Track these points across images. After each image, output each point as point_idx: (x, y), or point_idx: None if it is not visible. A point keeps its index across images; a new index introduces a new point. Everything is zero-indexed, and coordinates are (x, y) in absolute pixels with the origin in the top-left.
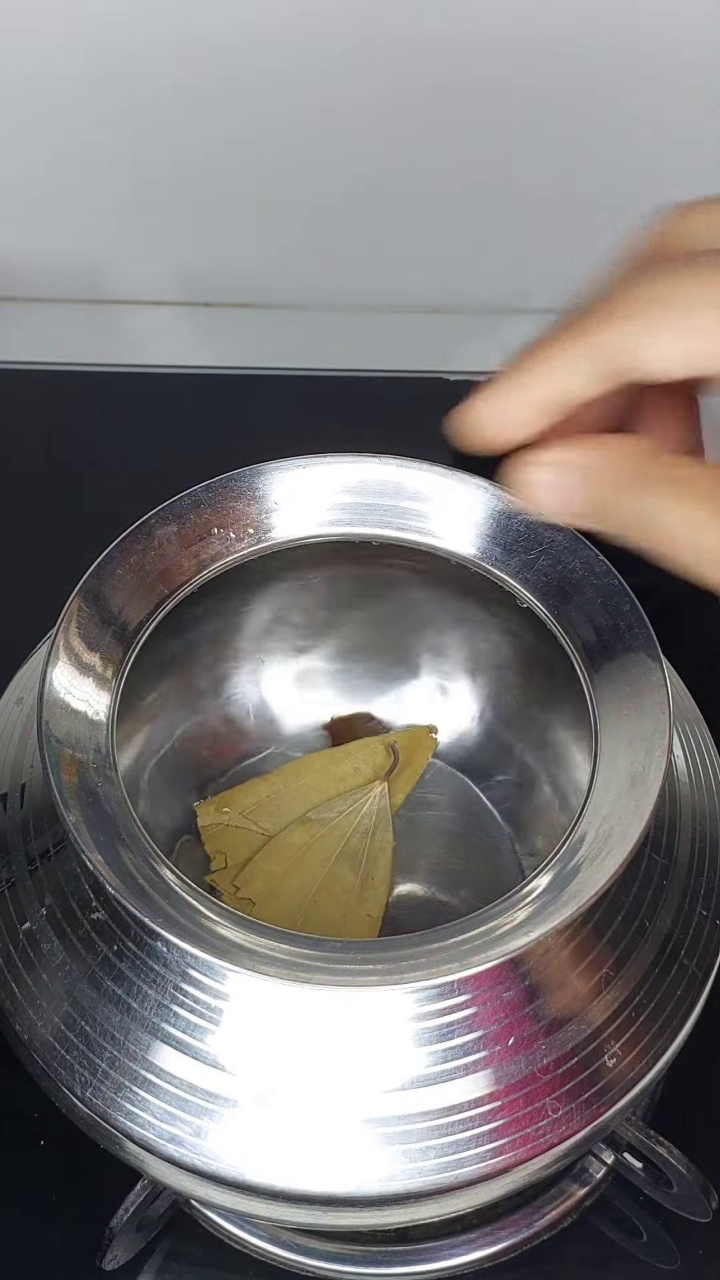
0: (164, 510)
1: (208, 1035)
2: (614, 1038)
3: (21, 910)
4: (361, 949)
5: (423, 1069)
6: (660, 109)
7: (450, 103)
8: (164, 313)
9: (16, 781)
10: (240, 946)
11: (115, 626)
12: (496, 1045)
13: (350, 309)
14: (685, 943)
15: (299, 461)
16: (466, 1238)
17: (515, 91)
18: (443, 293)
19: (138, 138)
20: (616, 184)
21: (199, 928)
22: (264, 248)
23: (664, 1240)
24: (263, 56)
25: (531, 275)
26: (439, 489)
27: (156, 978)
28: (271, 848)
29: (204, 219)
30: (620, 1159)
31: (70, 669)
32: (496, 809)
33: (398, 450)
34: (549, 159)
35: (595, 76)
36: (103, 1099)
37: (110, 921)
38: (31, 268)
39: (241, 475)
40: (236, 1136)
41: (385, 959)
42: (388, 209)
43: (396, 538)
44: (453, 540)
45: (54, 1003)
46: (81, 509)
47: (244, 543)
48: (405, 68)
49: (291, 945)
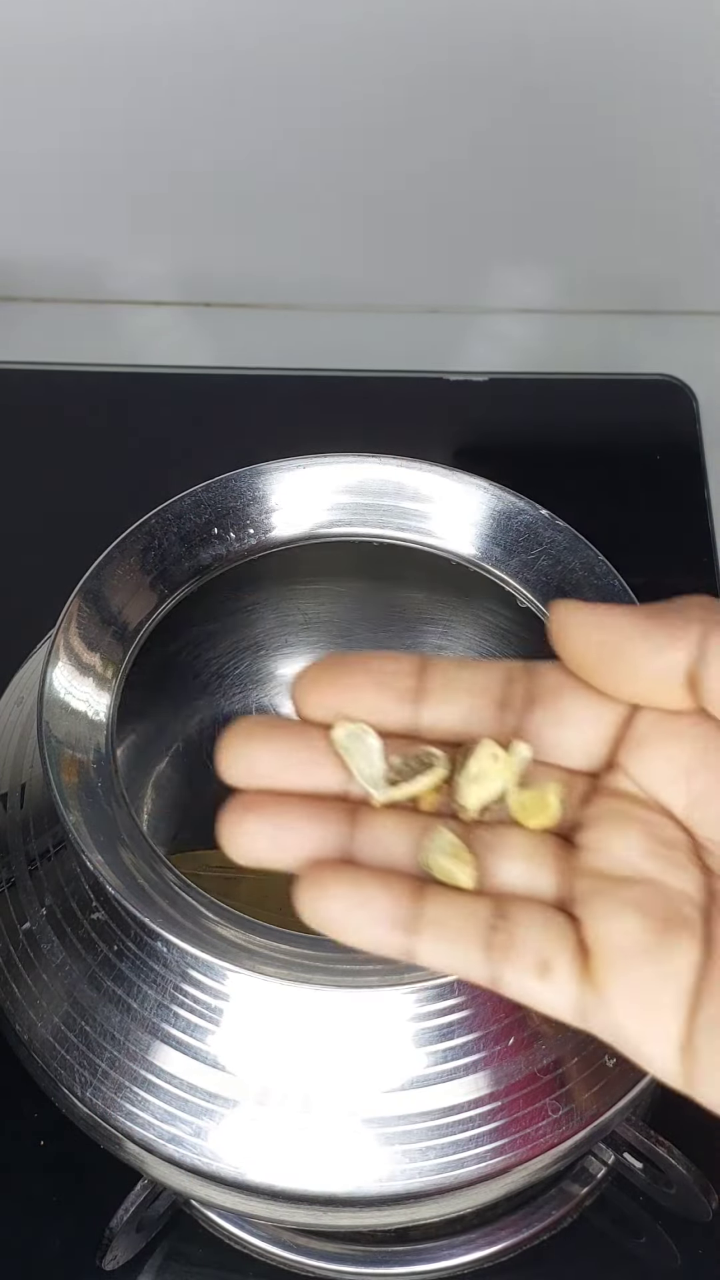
0: (164, 510)
1: (208, 1035)
2: None
3: (21, 910)
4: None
5: (423, 1069)
6: (661, 110)
7: (450, 103)
8: (164, 313)
9: (16, 781)
10: (240, 946)
11: (115, 626)
12: (496, 1045)
13: (350, 309)
14: None
15: (299, 461)
16: (466, 1238)
17: (515, 92)
18: (443, 293)
19: (138, 138)
20: (617, 185)
21: (199, 928)
22: (264, 248)
23: (664, 1240)
24: (263, 57)
25: (531, 275)
26: (439, 489)
27: (156, 978)
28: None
29: (204, 219)
30: (620, 1159)
31: (70, 669)
32: None
33: (398, 450)
34: (549, 160)
35: (595, 78)
36: (103, 1099)
37: (110, 921)
38: (31, 268)
39: (241, 475)
40: (236, 1136)
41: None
42: (388, 209)
43: (396, 538)
44: (453, 540)
45: (54, 1003)
46: (81, 509)
47: (244, 543)
48: (405, 68)
49: (291, 945)
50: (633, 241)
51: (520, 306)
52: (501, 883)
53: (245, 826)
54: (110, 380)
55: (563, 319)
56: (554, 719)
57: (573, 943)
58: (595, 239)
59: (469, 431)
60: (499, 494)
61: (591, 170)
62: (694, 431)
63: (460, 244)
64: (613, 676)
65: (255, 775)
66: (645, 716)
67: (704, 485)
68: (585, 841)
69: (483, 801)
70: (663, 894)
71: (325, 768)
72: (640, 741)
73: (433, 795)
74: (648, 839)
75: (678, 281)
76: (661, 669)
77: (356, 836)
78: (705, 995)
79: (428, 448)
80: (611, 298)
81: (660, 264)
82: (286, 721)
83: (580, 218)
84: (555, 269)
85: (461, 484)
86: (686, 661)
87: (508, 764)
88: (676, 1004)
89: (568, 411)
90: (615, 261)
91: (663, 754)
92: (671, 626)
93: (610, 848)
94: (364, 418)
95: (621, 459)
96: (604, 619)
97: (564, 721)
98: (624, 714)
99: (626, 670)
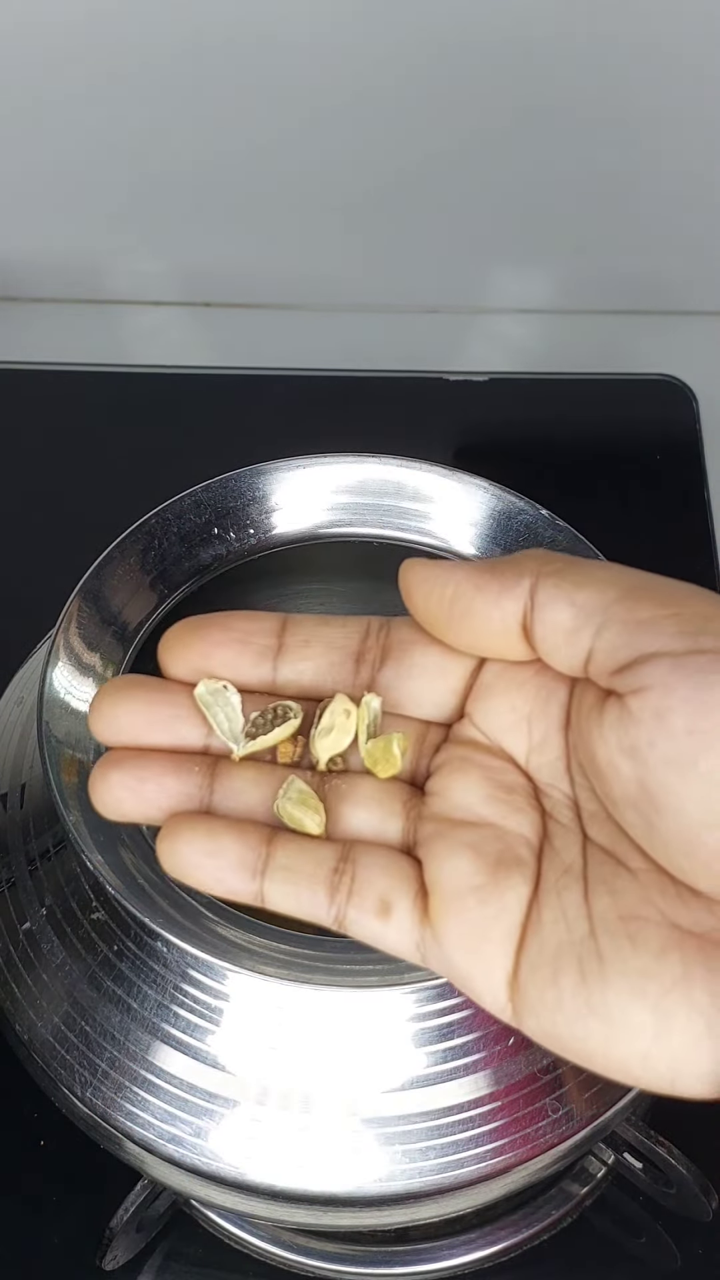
0: (164, 510)
1: (208, 1035)
2: None
3: (21, 910)
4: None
5: (422, 1069)
6: (661, 110)
7: (450, 104)
8: (164, 313)
9: (16, 781)
10: (240, 946)
11: (115, 626)
12: (496, 1045)
13: (350, 309)
14: None
15: (299, 461)
16: (466, 1238)
17: (516, 93)
18: (442, 293)
19: (138, 138)
20: (616, 185)
21: (199, 928)
22: (264, 248)
23: (664, 1240)
24: (263, 58)
25: (531, 275)
26: (439, 489)
27: (156, 978)
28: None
29: (204, 219)
30: (620, 1159)
31: (70, 669)
32: None
33: (398, 450)
34: (549, 160)
35: (595, 78)
36: (103, 1099)
37: (110, 921)
38: (31, 268)
39: (241, 475)
40: (236, 1136)
41: (385, 959)
42: (388, 209)
43: (396, 538)
44: (453, 540)
45: (54, 1003)
46: (81, 509)
47: (244, 543)
48: (405, 69)
49: (291, 945)
50: (633, 241)
51: (520, 306)
52: (352, 829)
53: (109, 782)
54: (110, 380)
55: (563, 319)
56: (406, 672)
57: (414, 885)
58: (595, 239)
59: (469, 431)
60: (499, 494)
61: (591, 170)
62: (694, 431)
63: (460, 244)
64: (456, 631)
65: (123, 733)
66: (491, 667)
67: (704, 485)
68: (432, 788)
69: (331, 753)
70: (498, 836)
71: (188, 724)
72: (486, 691)
73: (289, 747)
74: (488, 784)
75: (678, 281)
76: (498, 621)
77: (216, 789)
78: (531, 932)
79: (428, 448)
80: (611, 298)
81: (660, 264)
82: (153, 680)
83: (580, 218)
84: (555, 269)
85: (461, 484)
86: (519, 613)
87: (359, 717)
88: (504, 940)
89: (568, 411)
90: (615, 261)
91: (505, 703)
92: (504, 579)
93: (452, 793)
94: (364, 418)
95: (621, 459)
96: (446, 575)
97: (416, 674)
98: (472, 666)
99: (467, 624)
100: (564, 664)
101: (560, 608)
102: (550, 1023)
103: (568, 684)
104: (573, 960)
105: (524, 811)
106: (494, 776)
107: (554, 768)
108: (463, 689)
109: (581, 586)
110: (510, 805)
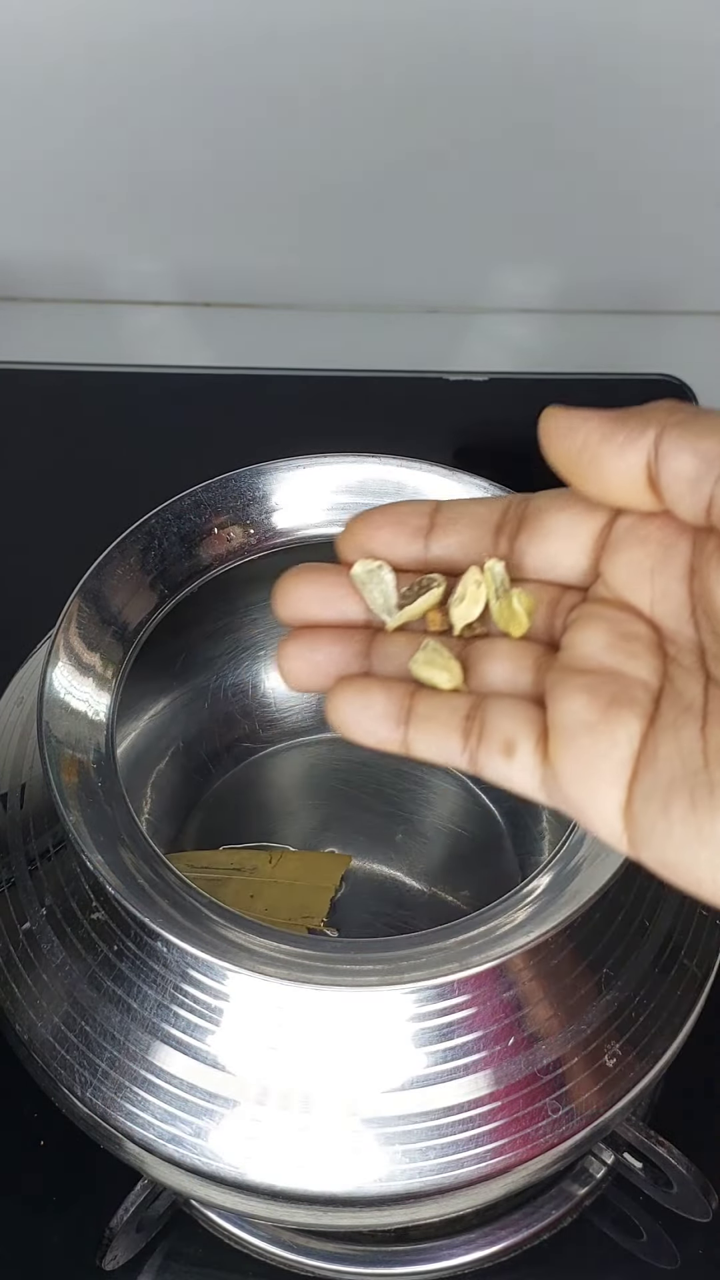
0: (164, 510)
1: (208, 1035)
2: (614, 1038)
3: (21, 910)
4: (361, 949)
5: (422, 1069)
6: (661, 110)
7: (450, 104)
8: (164, 313)
9: (16, 781)
10: (240, 946)
11: (115, 626)
12: (496, 1045)
13: (350, 309)
14: (685, 943)
15: (299, 461)
16: (466, 1238)
17: (515, 93)
18: (443, 293)
19: (137, 138)
20: (616, 185)
21: (199, 928)
22: (264, 248)
23: (664, 1240)
24: (263, 58)
25: (531, 275)
26: (439, 489)
27: (156, 978)
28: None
29: (204, 219)
30: (620, 1159)
31: (70, 669)
32: (496, 809)
33: (398, 450)
34: (549, 160)
35: (595, 78)
36: (103, 1099)
37: (110, 921)
38: (31, 268)
39: (241, 475)
40: (236, 1136)
41: (385, 959)
42: (388, 209)
43: None
44: None
45: (54, 1003)
46: (81, 509)
47: (244, 543)
48: (405, 69)
49: (291, 945)
50: (632, 241)
51: (520, 306)
52: (487, 683)
53: (289, 655)
54: (110, 380)
55: (563, 319)
56: (541, 537)
57: (538, 727)
58: (595, 239)
59: (469, 431)
60: (499, 494)
61: (591, 170)
62: None
63: (460, 244)
64: (586, 479)
65: (298, 612)
66: (620, 524)
67: None
68: (563, 644)
69: (465, 620)
70: (615, 679)
71: (351, 601)
72: (614, 547)
73: (437, 616)
74: (610, 634)
75: (677, 281)
76: (624, 471)
77: (373, 656)
78: (644, 766)
79: (428, 448)
80: (611, 298)
81: (660, 264)
82: (324, 566)
83: (580, 218)
84: (555, 269)
85: (461, 484)
86: (644, 462)
87: (486, 582)
88: (616, 773)
89: None
90: (615, 261)
91: (630, 557)
92: (631, 428)
93: (577, 645)
94: (364, 418)
95: None
96: (578, 422)
97: (549, 538)
98: (601, 525)
99: (595, 473)
100: (688, 512)
101: (684, 457)
102: (662, 850)
103: (690, 537)
104: (685, 791)
105: (641, 657)
106: (617, 627)
107: (678, 615)
108: (593, 548)
109: (705, 435)
110: (628, 652)
